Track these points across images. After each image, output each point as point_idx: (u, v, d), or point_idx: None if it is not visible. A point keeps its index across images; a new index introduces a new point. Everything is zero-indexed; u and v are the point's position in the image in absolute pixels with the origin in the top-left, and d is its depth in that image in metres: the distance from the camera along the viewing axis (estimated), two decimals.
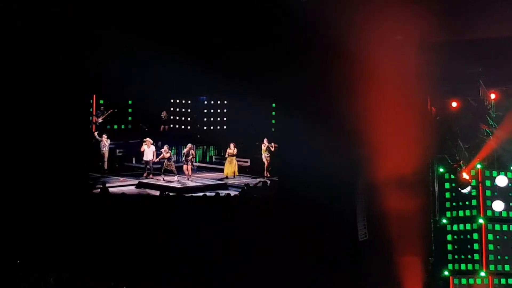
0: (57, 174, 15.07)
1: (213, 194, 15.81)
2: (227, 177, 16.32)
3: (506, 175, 13.92)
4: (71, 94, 15.41)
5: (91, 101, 16.18)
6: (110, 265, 14.51)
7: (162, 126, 16.83)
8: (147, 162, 16.19)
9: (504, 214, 13.80)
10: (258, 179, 16.08)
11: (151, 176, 16.23)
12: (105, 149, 16.12)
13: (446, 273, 13.82)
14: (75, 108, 15.61)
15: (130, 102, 16.66)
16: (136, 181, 16.17)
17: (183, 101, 16.89)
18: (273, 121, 16.18)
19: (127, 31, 14.50)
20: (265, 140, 16.13)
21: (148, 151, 16.18)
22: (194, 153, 16.50)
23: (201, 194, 15.85)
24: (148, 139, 16.22)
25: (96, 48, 14.75)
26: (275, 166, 16.01)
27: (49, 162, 15.01)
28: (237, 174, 16.31)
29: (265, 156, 16.12)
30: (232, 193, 15.90)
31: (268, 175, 16.08)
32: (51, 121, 15.09)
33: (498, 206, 13.78)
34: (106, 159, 16.15)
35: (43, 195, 14.92)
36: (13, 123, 14.78)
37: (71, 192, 15.22)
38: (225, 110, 16.76)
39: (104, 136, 16.18)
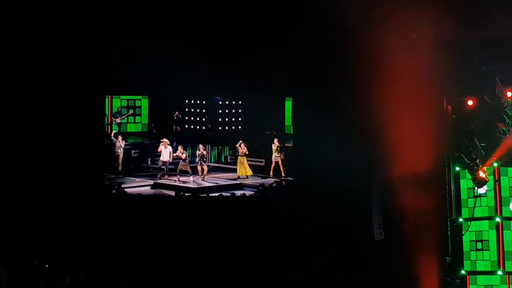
0: (73, 176, 15.13)
1: (228, 194, 15.83)
2: (239, 177, 16.35)
3: None
4: (85, 95, 15.43)
5: (106, 102, 16.27)
6: (126, 265, 14.53)
7: (174, 127, 16.89)
8: (164, 163, 16.25)
9: None
10: (273, 179, 16.11)
11: (166, 176, 16.28)
12: (120, 151, 16.18)
13: (463, 272, 13.76)
14: (89, 109, 15.61)
15: (146, 103, 16.75)
16: (151, 182, 16.22)
17: (198, 102, 16.93)
18: (288, 123, 16.17)
19: (142, 32, 14.59)
20: (276, 140, 16.14)
21: (165, 151, 16.24)
22: (206, 153, 16.54)
23: (216, 194, 15.87)
24: (165, 139, 16.29)
25: (112, 50, 14.80)
26: (289, 166, 16.03)
27: (65, 164, 15.05)
28: (251, 174, 16.33)
29: (275, 155, 16.12)
30: (248, 193, 15.92)
31: (283, 175, 16.08)
32: (65, 122, 15.13)
33: None
34: (120, 160, 16.21)
35: (58, 197, 14.97)
36: (26, 125, 14.87)
37: (86, 193, 15.23)
38: (239, 111, 16.81)
39: (119, 137, 16.25)
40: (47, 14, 14.15)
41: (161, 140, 16.32)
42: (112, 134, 16.24)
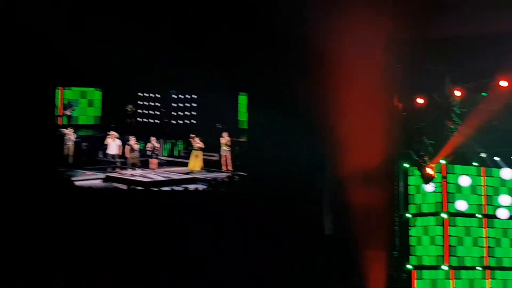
0: (22, 169, 14.80)
1: (181, 188, 15.76)
2: (192, 172, 16.31)
3: (468, 171, 14.28)
4: (35, 86, 15.07)
5: (57, 93, 16.00)
6: (76, 260, 14.33)
7: (129, 120, 16.74)
8: (112, 156, 16.09)
9: (467, 210, 14.12)
10: (226, 174, 16.13)
11: (117, 170, 16.13)
12: (70, 143, 15.93)
13: (409, 266, 14.03)
14: (39, 101, 15.27)
15: (98, 96, 16.56)
16: (103, 175, 16.03)
17: (152, 95, 16.83)
18: (241, 118, 16.23)
19: (96, 23, 14.41)
20: (225, 134, 16.17)
21: (113, 144, 16.06)
22: (158, 147, 16.46)
23: (169, 188, 15.78)
24: (112, 132, 16.08)
25: (65, 40, 14.49)
26: (242, 161, 16.07)
27: (14, 156, 14.74)
28: (200, 169, 16.30)
29: (224, 150, 16.14)
30: (200, 187, 15.88)
31: (231, 169, 16.11)
32: (13, 114, 14.77)
33: (461, 205, 14.07)
34: (71, 153, 15.97)
35: (6, 190, 14.65)
36: None
37: (36, 186, 14.96)
38: (194, 105, 16.78)
39: (70, 129, 16.00)
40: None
41: (108, 133, 16.13)
42: (66, 128, 15.99)
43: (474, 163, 14.53)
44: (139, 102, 16.85)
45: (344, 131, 13.79)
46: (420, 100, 14.23)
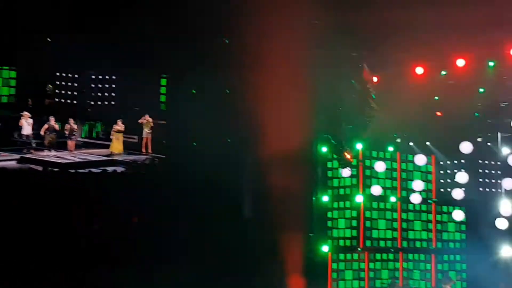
0: None
1: (99, 170, 15.44)
2: (112, 154, 16.03)
3: (384, 156, 14.63)
4: None
5: None
6: None
7: (48, 100, 16.27)
8: (27, 137, 15.65)
9: (382, 194, 14.49)
10: (145, 156, 15.94)
11: (32, 151, 15.67)
12: None
13: (325, 249, 14.28)
14: None
15: (13, 75, 16.01)
16: (18, 156, 15.52)
17: (70, 75, 16.39)
18: (163, 98, 16.05)
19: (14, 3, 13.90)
20: (146, 116, 15.98)
21: (27, 125, 15.59)
22: (76, 128, 16.10)
23: (86, 170, 15.44)
24: (25, 112, 15.62)
25: None
26: (162, 143, 15.92)
27: None
28: (121, 151, 16.06)
29: (146, 132, 15.97)
30: (119, 169, 15.61)
31: (150, 152, 15.94)
32: None
33: (376, 190, 14.42)
34: None
35: None
36: None
37: None
38: (113, 86, 16.46)
39: None
40: None
41: (22, 113, 15.64)
42: None
43: (389, 148, 14.91)
44: (57, 82, 16.41)
45: (264, 115, 13.82)
46: (339, 86, 14.38)
